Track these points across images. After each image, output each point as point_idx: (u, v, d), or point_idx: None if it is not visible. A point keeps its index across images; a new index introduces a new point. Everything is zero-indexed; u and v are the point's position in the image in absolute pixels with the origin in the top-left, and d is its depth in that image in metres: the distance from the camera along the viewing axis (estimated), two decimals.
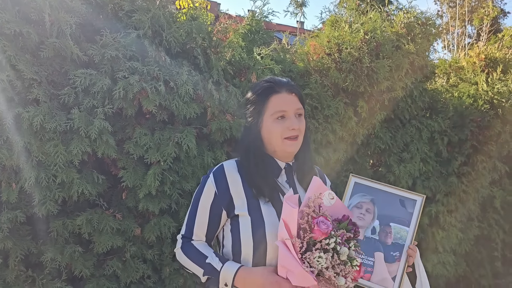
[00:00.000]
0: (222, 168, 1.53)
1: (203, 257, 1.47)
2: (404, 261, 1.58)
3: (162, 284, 2.77)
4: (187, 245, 1.53)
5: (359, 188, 1.67)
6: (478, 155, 4.35)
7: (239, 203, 1.47)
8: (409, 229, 1.61)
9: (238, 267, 1.41)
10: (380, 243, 1.61)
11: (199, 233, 1.52)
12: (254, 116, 1.54)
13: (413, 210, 1.63)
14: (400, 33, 3.54)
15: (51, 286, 2.46)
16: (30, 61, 2.32)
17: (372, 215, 1.64)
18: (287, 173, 1.57)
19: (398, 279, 1.56)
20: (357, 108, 3.47)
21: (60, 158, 2.34)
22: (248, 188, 1.49)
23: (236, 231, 1.47)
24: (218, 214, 1.50)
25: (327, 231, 1.32)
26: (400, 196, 1.65)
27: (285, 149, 1.51)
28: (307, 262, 1.29)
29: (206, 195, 1.52)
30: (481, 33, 7.11)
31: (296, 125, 1.49)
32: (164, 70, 2.57)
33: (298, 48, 3.71)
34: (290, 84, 1.56)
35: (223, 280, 1.42)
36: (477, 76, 4.50)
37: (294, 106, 1.51)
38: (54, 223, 2.45)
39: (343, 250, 1.33)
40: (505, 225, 4.50)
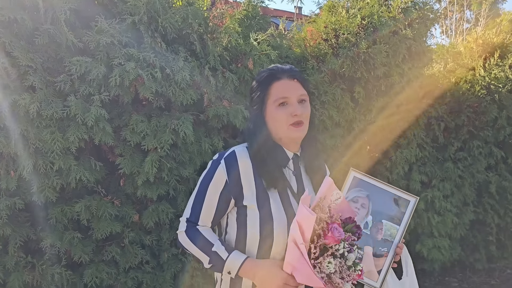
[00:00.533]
0: (234, 155, 1.49)
1: (209, 244, 1.46)
2: (391, 257, 1.64)
3: (160, 269, 2.81)
4: (193, 230, 1.50)
5: (357, 182, 1.70)
6: (474, 141, 4.38)
7: (248, 193, 1.46)
8: (400, 228, 1.67)
9: (245, 259, 1.42)
10: (371, 238, 1.66)
11: (205, 219, 1.50)
12: (258, 104, 1.53)
13: (406, 210, 1.68)
14: (398, 18, 3.53)
15: (51, 271, 2.49)
16: (25, 48, 2.31)
17: (366, 210, 1.68)
18: (294, 164, 1.56)
19: (383, 273, 1.63)
20: (354, 94, 3.48)
21: (57, 145, 2.34)
22: (258, 177, 1.47)
23: (242, 223, 1.47)
24: (227, 202, 1.48)
25: (339, 238, 1.34)
26: (395, 195, 1.70)
27: (290, 135, 1.50)
28: (318, 267, 1.32)
29: (216, 182, 1.48)
30: (479, 18, 7.09)
31: (299, 111, 1.47)
32: (160, 56, 2.56)
33: (295, 33, 3.69)
34: (292, 70, 1.54)
35: (227, 269, 1.43)
36: (474, 61, 4.50)
37: (296, 92, 1.50)
38: (53, 210, 2.47)
39: (350, 256, 1.36)
40: (500, 210, 4.54)
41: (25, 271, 2.46)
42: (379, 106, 3.59)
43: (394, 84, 3.54)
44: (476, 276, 4.61)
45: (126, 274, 2.71)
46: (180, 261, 2.82)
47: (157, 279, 2.78)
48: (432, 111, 4.06)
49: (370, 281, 1.63)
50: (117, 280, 2.70)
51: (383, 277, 1.63)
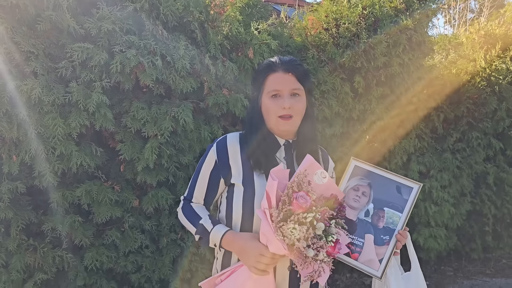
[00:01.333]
0: (225, 139, 1.61)
1: (197, 217, 1.58)
2: (392, 245, 1.61)
3: (159, 254, 2.86)
4: (187, 206, 1.65)
5: (358, 171, 1.70)
6: (473, 132, 4.39)
7: (235, 173, 1.56)
8: (402, 215, 1.63)
9: (226, 231, 1.51)
10: (372, 226, 1.64)
11: (198, 197, 1.63)
12: (256, 93, 1.61)
13: (408, 197, 1.64)
14: (399, 9, 3.52)
15: (52, 254, 2.55)
16: (27, 34, 2.33)
17: (367, 198, 1.66)
18: (286, 150, 1.62)
19: (385, 262, 1.60)
20: (353, 84, 3.49)
21: (58, 130, 2.38)
22: (245, 159, 1.57)
23: (230, 199, 1.57)
24: (217, 181, 1.60)
25: (305, 205, 1.36)
26: (397, 183, 1.67)
27: (278, 127, 1.57)
28: (281, 231, 1.35)
29: (208, 163, 1.61)
30: (483, 8, 7.04)
31: (287, 104, 1.52)
32: (161, 44, 2.58)
33: (296, 22, 3.69)
34: (289, 63, 1.58)
35: (212, 241, 1.53)
36: (476, 52, 4.49)
37: (289, 86, 1.55)
38: (54, 194, 2.51)
39: (319, 225, 1.39)
40: (497, 201, 4.57)
41: (27, 253, 2.51)
42: (379, 96, 3.60)
43: (394, 74, 3.55)
44: (471, 266, 4.66)
45: (126, 258, 2.77)
46: (179, 246, 2.87)
47: (156, 263, 2.83)
48: (431, 101, 4.06)
49: (371, 270, 1.61)
50: (117, 263, 2.76)
51: (385, 265, 1.60)
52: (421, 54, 3.71)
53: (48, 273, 2.55)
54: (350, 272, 4.21)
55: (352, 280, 4.18)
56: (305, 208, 1.37)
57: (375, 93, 3.56)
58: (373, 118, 3.73)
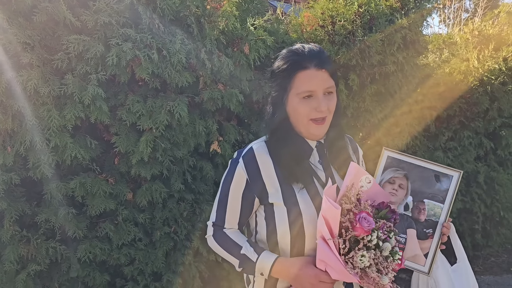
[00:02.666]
0: (252, 152, 1.43)
1: (237, 247, 1.42)
2: (437, 238, 1.53)
3: (153, 247, 2.88)
4: (219, 233, 1.47)
5: (392, 162, 1.59)
6: (465, 131, 4.44)
7: (272, 190, 1.40)
8: (444, 206, 1.54)
9: (275, 259, 1.37)
10: (413, 220, 1.56)
11: (231, 221, 1.46)
12: (280, 92, 1.42)
13: (449, 186, 1.55)
14: (395, 7, 3.54)
15: (45, 245, 2.55)
16: (23, 25, 2.32)
17: (405, 191, 1.57)
18: (319, 152, 1.48)
19: (431, 256, 1.52)
20: (348, 81, 3.51)
21: (53, 122, 2.38)
22: (280, 172, 1.41)
23: (271, 221, 1.41)
24: (251, 202, 1.43)
25: (369, 228, 1.25)
26: (435, 171, 1.57)
27: (309, 131, 1.42)
28: (350, 263, 1.25)
29: (237, 182, 1.43)
30: (477, 8, 7.09)
31: (324, 106, 1.36)
32: (157, 38, 2.58)
33: (292, 19, 3.71)
34: (321, 57, 1.39)
35: (259, 270, 1.39)
36: (469, 52, 4.53)
37: (323, 85, 1.37)
38: (48, 185, 2.52)
39: (386, 245, 1.28)
40: (487, 200, 4.63)
41: (20, 244, 2.52)
42: (373, 94, 3.62)
43: (389, 72, 3.57)
44: None
45: (119, 251, 2.78)
46: (172, 239, 2.89)
47: (149, 256, 2.85)
48: (425, 100, 4.10)
49: (417, 266, 1.54)
50: (110, 256, 2.77)
51: (431, 260, 1.52)
52: (415, 53, 3.74)
53: (41, 264, 2.56)
54: None
55: None
56: (369, 231, 1.25)
57: (369, 91, 3.59)
58: (367, 115, 3.76)
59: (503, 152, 4.70)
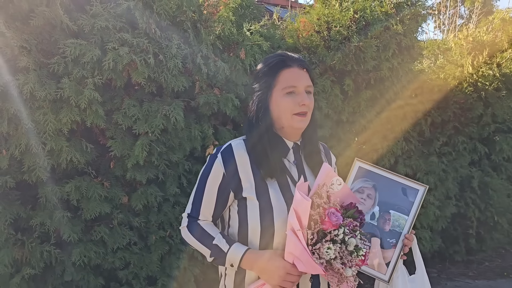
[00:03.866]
0: (230, 148, 1.48)
1: (210, 238, 1.46)
2: (399, 249, 1.57)
3: (148, 251, 2.88)
4: (194, 224, 1.51)
5: (363, 172, 1.64)
6: (459, 136, 4.48)
7: (247, 185, 1.45)
8: (408, 218, 1.59)
9: (245, 250, 1.41)
10: (378, 229, 1.60)
11: (206, 213, 1.50)
12: (263, 90, 1.50)
13: (414, 200, 1.60)
14: (389, 13, 3.58)
15: (40, 249, 2.54)
16: (20, 29, 2.33)
17: (372, 201, 1.62)
18: (295, 153, 1.54)
19: (392, 265, 1.56)
20: (343, 86, 3.54)
21: (49, 126, 2.38)
22: (256, 169, 1.46)
23: (243, 214, 1.46)
24: (226, 195, 1.48)
25: (337, 223, 1.31)
26: (402, 184, 1.63)
27: (294, 125, 1.48)
28: (317, 253, 1.30)
29: (214, 176, 1.48)
30: (472, 14, 7.15)
31: (306, 100, 1.45)
32: (153, 42, 2.60)
33: (289, 24, 3.74)
34: (302, 59, 1.52)
35: (229, 261, 1.43)
36: (464, 58, 4.58)
37: (304, 83, 1.47)
38: (43, 189, 2.52)
39: (351, 241, 1.33)
40: (481, 205, 4.67)
41: (15, 248, 2.51)
42: (368, 99, 3.65)
43: (383, 78, 3.61)
44: (454, 268, 4.75)
45: (114, 254, 2.78)
46: (167, 243, 2.89)
47: (144, 260, 2.85)
48: (419, 105, 4.13)
49: (378, 274, 1.58)
50: (105, 259, 2.76)
51: (392, 269, 1.56)
52: (410, 59, 3.78)
53: (35, 268, 2.55)
54: None
55: None
56: (337, 225, 1.31)
57: (364, 96, 3.62)
58: (362, 120, 3.79)
59: (497, 157, 4.75)
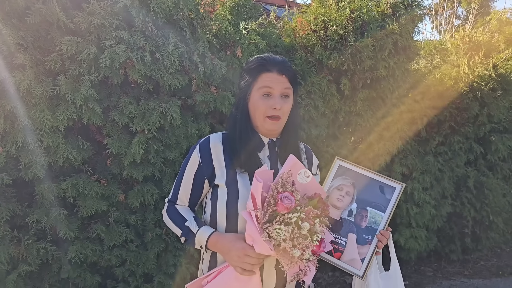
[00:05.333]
0: (208, 140, 1.61)
1: (183, 219, 1.59)
2: (374, 245, 1.61)
3: (144, 248, 2.88)
4: (171, 208, 1.65)
5: (343, 170, 1.71)
6: (455, 136, 4.50)
7: (219, 174, 1.56)
8: (384, 215, 1.64)
9: (211, 232, 1.52)
10: (355, 225, 1.64)
11: (183, 198, 1.64)
12: (244, 88, 1.59)
13: (391, 197, 1.65)
14: (386, 13, 3.60)
15: (36, 246, 2.55)
16: (17, 26, 2.34)
17: (351, 198, 1.67)
18: (270, 149, 1.62)
19: (366, 261, 1.61)
20: (340, 86, 3.55)
21: (46, 123, 2.39)
22: (228, 160, 1.57)
23: (214, 201, 1.57)
24: (201, 183, 1.60)
25: (290, 206, 1.38)
26: (380, 183, 1.68)
27: (265, 127, 1.57)
28: (266, 232, 1.37)
29: (191, 165, 1.61)
30: (469, 15, 7.19)
31: (278, 105, 1.53)
32: (150, 40, 2.60)
33: (286, 23, 3.75)
34: (283, 65, 1.58)
35: (198, 242, 1.54)
36: (460, 58, 4.60)
37: (281, 86, 1.55)
38: (40, 186, 2.52)
39: (304, 225, 1.39)
40: (476, 204, 4.69)
41: (11, 245, 2.51)
42: (364, 98, 3.67)
43: (380, 77, 3.62)
44: (450, 267, 4.77)
45: (110, 252, 2.78)
46: (163, 241, 2.90)
47: (141, 258, 2.85)
48: (415, 105, 4.15)
49: (353, 269, 1.62)
50: (101, 257, 2.77)
51: (366, 265, 1.60)
52: (406, 59, 3.80)
53: (32, 265, 2.56)
54: (333, 270, 4.28)
55: (334, 278, 4.25)
56: (290, 208, 1.38)
57: (361, 96, 3.63)
58: (358, 119, 3.81)
59: (493, 157, 4.77)
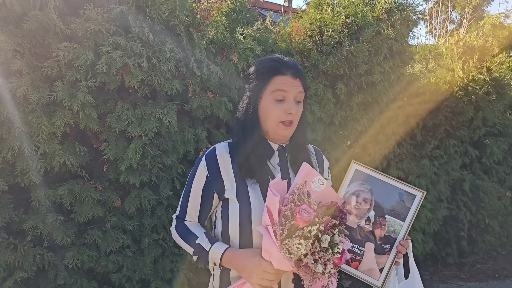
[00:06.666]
0: (214, 151, 1.53)
1: (194, 237, 1.51)
2: (393, 255, 1.55)
3: (141, 254, 2.88)
4: (181, 225, 1.57)
5: (359, 175, 1.62)
6: (450, 140, 4.53)
7: (228, 186, 1.49)
8: (404, 224, 1.57)
9: (226, 249, 1.45)
10: (373, 234, 1.58)
11: (192, 214, 1.56)
12: (254, 92, 1.51)
13: (411, 205, 1.58)
14: (381, 18, 3.62)
15: (33, 252, 2.54)
16: (13, 32, 2.34)
17: (368, 205, 1.60)
18: (280, 155, 1.56)
19: (385, 272, 1.54)
20: (336, 90, 3.57)
21: (42, 129, 2.38)
22: (237, 170, 1.49)
23: (225, 214, 1.49)
24: (210, 197, 1.52)
25: (308, 219, 1.31)
26: (399, 189, 1.60)
27: (278, 132, 1.51)
28: (286, 248, 1.31)
29: (199, 178, 1.53)
30: (463, 20, 7.24)
31: (293, 109, 1.47)
32: (147, 46, 2.61)
33: (282, 28, 3.77)
34: (297, 68, 1.52)
35: (212, 260, 1.47)
36: (454, 63, 4.64)
37: (295, 90, 1.49)
38: (36, 192, 2.51)
39: (324, 237, 1.33)
40: (472, 207, 4.71)
41: (7, 251, 2.50)
42: (360, 103, 3.68)
43: (375, 82, 3.64)
44: (447, 270, 4.79)
45: (107, 258, 2.78)
46: (160, 246, 2.89)
47: (138, 263, 2.85)
48: (411, 109, 4.18)
49: (371, 279, 1.56)
50: (98, 263, 2.76)
51: (385, 275, 1.54)
52: (401, 63, 3.82)
53: (28, 271, 2.54)
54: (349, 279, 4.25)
55: None
56: (309, 221, 1.32)
57: (357, 100, 3.65)
58: (354, 124, 3.82)
59: (488, 161, 4.80)
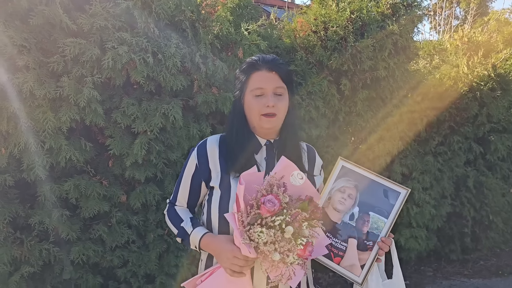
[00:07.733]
0: (205, 142, 1.64)
1: (180, 220, 1.62)
2: (374, 252, 1.55)
3: (146, 249, 2.89)
4: (171, 209, 1.69)
5: (346, 172, 1.62)
6: (454, 136, 4.52)
7: (214, 176, 1.58)
8: (387, 221, 1.56)
9: (204, 233, 1.54)
10: (356, 230, 1.58)
11: (181, 200, 1.67)
12: (238, 92, 1.61)
13: (395, 202, 1.56)
14: (386, 14, 3.61)
15: (39, 247, 2.55)
16: (20, 28, 2.34)
17: (353, 201, 1.60)
18: (268, 150, 1.61)
19: (366, 268, 1.55)
20: (340, 86, 3.57)
21: (48, 124, 2.39)
22: (223, 161, 1.58)
23: (209, 202, 1.58)
24: (198, 185, 1.62)
25: (273, 209, 1.35)
26: (384, 186, 1.59)
27: (262, 125, 1.56)
28: (247, 235, 1.36)
29: (189, 167, 1.64)
30: (467, 15, 7.21)
31: (271, 102, 1.52)
32: (152, 42, 2.61)
33: (286, 24, 3.76)
34: (273, 62, 1.58)
35: (192, 243, 1.57)
36: (459, 59, 4.62)
37: (272, 85, 1.55)
38: (42, 187, 2.52)
39: (288, 228, 1.35)
40: (476, 204, 4.71)
41: (14, 246, 2.52)
42: (364, 98, 3.68)
43: (380, 78, 3.63)
44: (450, 266, 4.78)
45: (113, 253, 2.79)
46: (165, 241, 2.91)
47: (143, 258, 2.86)
48: (415, 105, 4.16)
49: (352, 275, 1.56)
50: (103, 258, 2.78)
51: (366, 272, 1.54)
52: (406, 59, 3.81)
53: (34, 266, 2.56)
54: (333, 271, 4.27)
55: (334, 278, 4.26)
56: (273, 212, 1.36)
57: (361, 96, 3.65)
58: (358, 120, 3.82)
59: (492, 157, 4.79)
